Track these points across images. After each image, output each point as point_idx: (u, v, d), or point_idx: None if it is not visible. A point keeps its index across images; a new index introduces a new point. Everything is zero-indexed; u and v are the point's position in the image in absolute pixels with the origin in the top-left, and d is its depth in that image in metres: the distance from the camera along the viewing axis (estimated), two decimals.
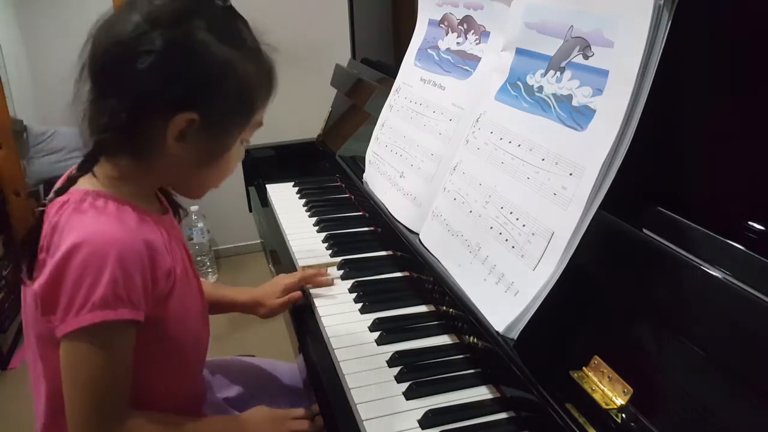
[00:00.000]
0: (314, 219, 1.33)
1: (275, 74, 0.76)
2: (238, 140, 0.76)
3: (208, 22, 0.67)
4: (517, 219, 0.79)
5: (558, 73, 0.78)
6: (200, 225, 2.55)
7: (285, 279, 1.05)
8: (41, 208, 0.71)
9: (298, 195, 1.49)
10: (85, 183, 0.72)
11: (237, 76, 0.70)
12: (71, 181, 0.72)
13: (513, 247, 0.78)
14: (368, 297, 1.00)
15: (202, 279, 1.04)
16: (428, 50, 1.18)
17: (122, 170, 0.72)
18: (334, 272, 1.09)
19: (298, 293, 1.03)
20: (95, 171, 0.71)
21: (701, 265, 0.58)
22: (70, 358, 0.67)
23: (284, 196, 1.49)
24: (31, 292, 0.70)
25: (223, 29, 0.69)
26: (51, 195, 0.72)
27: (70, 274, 0.64)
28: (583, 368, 0.66)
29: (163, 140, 0.69)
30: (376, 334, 0.91)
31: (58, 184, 0.76)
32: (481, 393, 0.79)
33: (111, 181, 0.72)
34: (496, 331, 0.76)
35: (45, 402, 0.76)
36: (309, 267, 1.11)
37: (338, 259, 1.13)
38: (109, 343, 0.67)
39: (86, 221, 0.67)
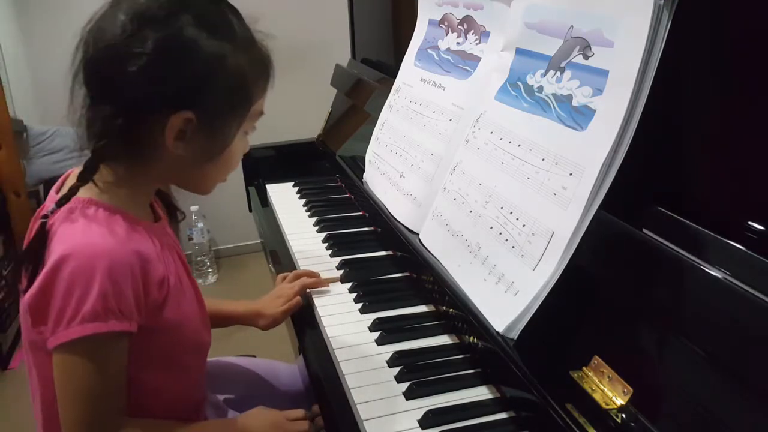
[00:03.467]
0: (314, 219, 1.33)
1: (271, 62, 0.75)
2: (240, 132, 0.75)
3: (195, 16, 0.66)
4: (517, 219, 0.79)
5: (558, 73, 0.78)
6: (200, 225, 2.55)
7: (285, 290, 1.04)
8: (44, 220, 0.69)
9: (298, 195, 1.49)
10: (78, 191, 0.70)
11: (230, 69, 0.68)
12: (72, 191, 0.70)
13: (513, 247, 0.78)
14: (368, 297, 1.00)
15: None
16: (428, 50, 1.18)
17: (120, 174, 0.71)
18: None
19: (298, 299, 1.02)
20: (96, 178, 0.70)
21: (701, 265, 0.58)
22: (62, 369, 0.67)
23: (284, 196, 1.49)
24: (23, 301, 0.69)
25: (212, 22, 0.67)
26: (53, 206, 0.70)
27: (58, 286, 0.64)
28: (583, 368, 0.66)
29: (161, 142, 0.68)
30: (376, 334, 0.91)
31: (54, 191, 0.75)
32: (481, 393, 0.79)
33: (107, 186, 0.71)
34: (496, 331, 0.76)
35: (41, 408, 0.76)
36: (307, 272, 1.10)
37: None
38: (100, 355, 0.67)
39: (75, 232, 0.66)
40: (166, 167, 0.72)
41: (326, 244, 1.22)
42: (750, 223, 0.58)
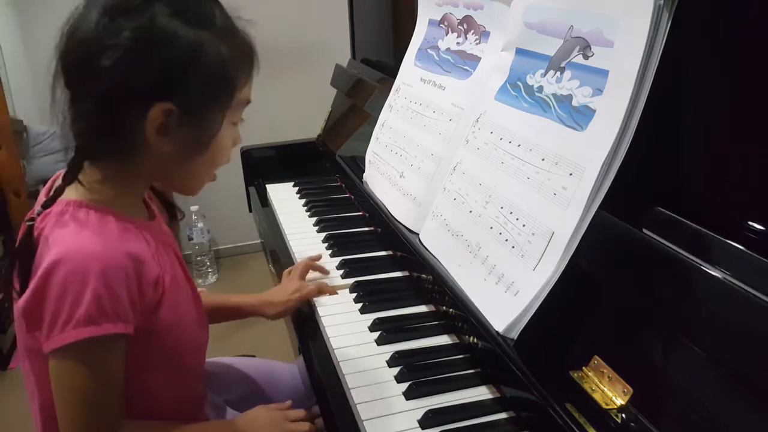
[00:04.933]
0: (314, 219, 1.33)
1: (254, 49, 0.73)
2: (226, 123, 0.72)
3: (170, 5, 0.64)
4: (517, 219, 0.79)
5: (558, 73, 0.78)
6: (200, 225, 2.55)
7: (292, 282, 1.04)
8: (30, 222, 0.69)
9: (298, 195, 1.49)
10: (67, 191, 0.70)
11: (210, 58, 0.66)
12: (58, 192, 0.69)
13: (513, 247, 0.78)
14: (368, 297, 1.00)
15: (201, 289, 1.03)
16: (428, 50, 1.18)
17: (107, 173, 0.70)
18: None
19: (311, 287, 1.02)
20: (80, 177, 0.69)
21: (701, 265, 0.58)
22: (58, 374, 0.67)
23: (284, 196, 1.49)
24: (17, 306, 0.68)
25: (188, 10, 0.65)
26: (38, 209, 0.69)
27: (51, 291, 0.63)
28: (583, 368, 0.66)
29: (144, 137, 0.66)
30: (376, 334, 0.91)
31: (43, 194, 0.74)
32: (481, 393, 0.79)
33: (95, 186, 0.70)
34: (496, 331, 0.76)
35: (39, 411, 0.76)
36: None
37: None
38: (96, 359, 0.66)
39: (67, 235, 0.66)
40: (155, 163, 0.71)
41: (326, 244, 1.22)
42: (750, 223, 0.58)
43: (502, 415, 0.75)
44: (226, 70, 0.68)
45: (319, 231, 1.28)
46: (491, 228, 0.83)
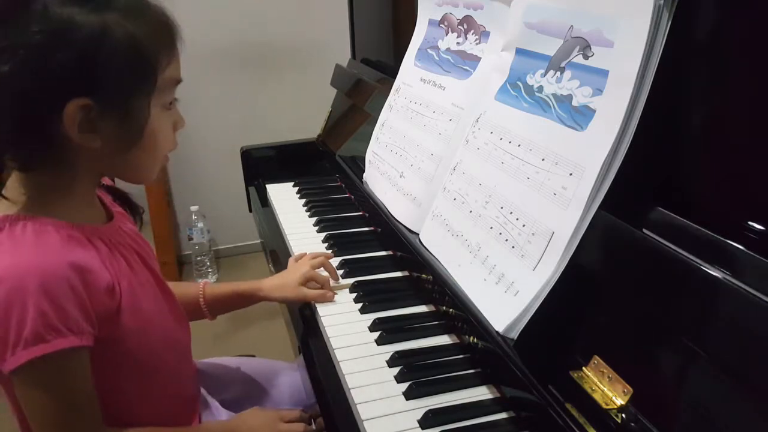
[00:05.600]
0: (314, 219, 1.33)
1: (170, 21, 0.66)
2: (156, 108, 0.67)
3: None
4: (517, 219, 0.79)
5: (558, 73, 0.78)
6: (200, 225, 2.55)
7: (302, 266, 1.03)
8: None
9: (298, 195, 1.49)
10: (2, 207, 0.66)
11: (117, 41, 0.60)
12: None
13: (513, 247, 0.78)
14: (368, 297, 1.00)
15: (205, 280, 1.03)
16: (428, 50, 1.18)
17: (42, 181, 0.66)
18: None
19: (315, 293, 1.01)
20: (8, 192, 0.65)
21: (701, 265, 0.58)
22: (23, 394, 0.65)
23: (284, 196, 1.49)
24: None
25: None
26: None
27: None
28: (583, 368, 0.66)
29: (69, 139, 0.62)
30: (376, 334, 0.91)
31: None
32: (481, 393, 0.79)
33: (29, 198, 0.66)
34: (496, 331, 0.76)
35: (19, 427, 0.75)
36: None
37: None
38: (56, 376, 0.64)
39: (2, 254, 0.62)
40: (90, 162, 0.67)
41: (326, 244, 1.22)
42: (750, 223, 0.58)
43: (502, 415, 0.75)
44: (140, 51, 0.62)
45: (319, 231, 1.28)
46: (491, 228, 0.83)
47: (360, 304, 0.99)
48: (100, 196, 0.78)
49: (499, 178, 0.84)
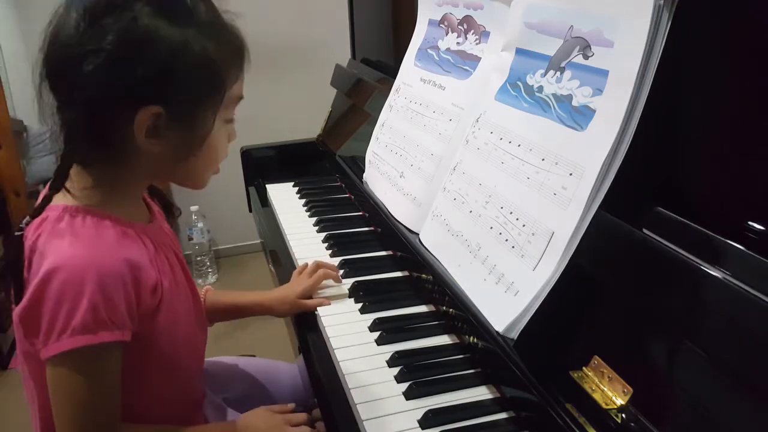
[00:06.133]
0: (314, 219, 1.33)
1: (243, 44, 0.70)
2: (218, 122, 0.70)
3: (151, 3, 0.62)
4: (517, 219, 0.79)
5: (558, 73, 0.78)
6: (200, 225, 2.55)
7: (303, 282, 1.02)
8: (19, 232, 0.68)
9: (298, 195, 1.49)
10: (62, 198, 0.68)
11: (195, 56, 0.64)
12: (46, 200, 0.68)
13: (513, 247, 0.78)
14: (368, 297, 1.00)
15: (208, 286, 1.03)
16: (428, 50, 1.18)
17: (101, 177, 0.69)
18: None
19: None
20: (70, 185, 0.68)
21: (701, 265, 0.58)
22: (55, 381, 0.66)
23: (284, 196, 1.49)
24: (14, 313, 0.68)
25: (171, 8, 0.63)
26: (27, 218, 0.68)
27: (48, 299, 0.63)
28: (583, 368, 0.66)
29: (133, 141, 0.65)
30: (376, 334, 0.91)
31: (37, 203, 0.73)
32: (481, 393, 0.79)
33: (88, 193, 0.68)
34: (496, 331, 0.76)
35: (38, 414, 0.76)
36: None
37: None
38: (92, 366, 0.66)
39: (63, 243, 0.65)
40: (148, 165, 0.70)
41: (326, 244, 1.22)
42: (750, 223, 0.58)
43: (502, 415, 0.75)
44: (215, 68, 0.66)
45: (319, 231, 1.28)
46: (491, 228, 0.83)
47: (360, 304, 0.99)
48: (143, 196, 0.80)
49: (499, 178, 0.84)
